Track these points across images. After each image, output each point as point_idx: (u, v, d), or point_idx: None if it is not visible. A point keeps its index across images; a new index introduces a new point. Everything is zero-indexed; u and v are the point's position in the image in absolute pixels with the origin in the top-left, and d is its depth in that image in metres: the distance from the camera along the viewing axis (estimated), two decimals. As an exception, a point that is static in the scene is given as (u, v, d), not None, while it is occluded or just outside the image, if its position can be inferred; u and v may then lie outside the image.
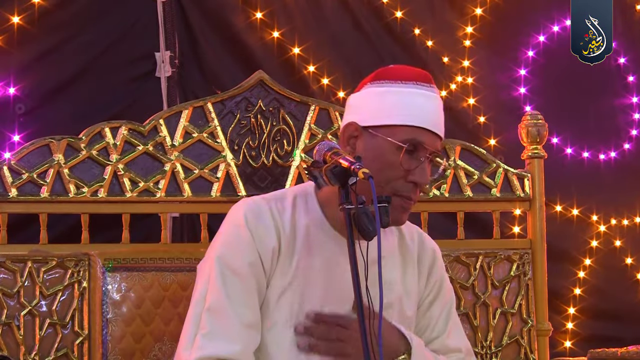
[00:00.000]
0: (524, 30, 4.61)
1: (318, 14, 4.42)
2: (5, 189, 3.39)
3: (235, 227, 2.59)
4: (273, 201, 2.63)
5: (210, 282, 2.54)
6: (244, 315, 2.52)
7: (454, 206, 3.72)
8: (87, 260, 3.28)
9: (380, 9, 4.49)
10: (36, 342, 3.23)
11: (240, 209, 2.60)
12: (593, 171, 4.65)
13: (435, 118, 2.59)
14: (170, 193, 3.51)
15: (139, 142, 3.50)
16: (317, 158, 2.50)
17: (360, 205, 2.39)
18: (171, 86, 4.20)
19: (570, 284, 4.61)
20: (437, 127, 2.60)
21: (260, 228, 2.57)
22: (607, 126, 4.68)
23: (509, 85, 4.60)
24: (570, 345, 4.56)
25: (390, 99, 2.59)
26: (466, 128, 4.49)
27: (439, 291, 2.78)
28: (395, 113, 2.57)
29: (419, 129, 2.56)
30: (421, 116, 2.57)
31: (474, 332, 3.60)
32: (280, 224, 2.59)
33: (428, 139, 2.57)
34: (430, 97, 2.60)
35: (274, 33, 4.35)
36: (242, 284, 2.54)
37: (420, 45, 4.51)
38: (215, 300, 2.52)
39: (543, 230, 3.74)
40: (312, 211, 2.63)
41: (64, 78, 4.10)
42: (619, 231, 4.67)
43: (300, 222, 2.61)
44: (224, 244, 2.58)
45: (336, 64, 4.38)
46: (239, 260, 2.55)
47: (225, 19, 4.32)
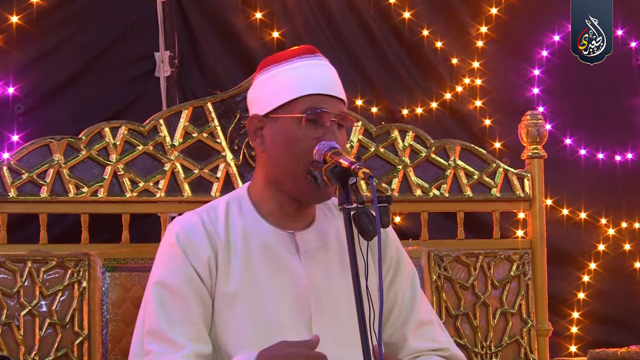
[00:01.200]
0: (539, 29, 4.58)
1: (321, 14, 4.41)
2: (5, 189, 3.38)
3: (168, 247, 2.61)
4: (205, 212, 2.66)
5: (150, 306, 2.57)
6: (186, 331, 2.53)
7: (454, 206, 3.72)
8: (87, 260, 3.28)
9: (387, 10, 4.48)
10: (36, 342, 3.23)
11: (172, 229, 2.64)
12: (607, 173, 4.61)
13: (329, 82, 2.61)
14: (170, 193, 3.51)
15: (139, 142, 3.50)
16: (317, 158, 2.51)
17: (360, 205, 2.39)
18: (171, 86, 4.19)
19: (574, 288, 4.58)
20: (335, 90, 2.60)
21: (192, 242, 2.59)
22: (623, 127, 4.62)
23: (522, 86, 4.57)
24: (575, 350, 4.54)
25: (280, 78, 2.60)
26: (471, 131, 4.47)
27: (398, 267, 2.75)
28: (288, 90, 2.59)
29: (316, 96, 2.57)
30: (313, 84, 2.58)
31: (474, 332, 3.60)
32: (214, 233, 2.61)
33: (328, 103, 2.56)
34: (319, 65, 2.63)
35: (274, 33, 4.34)
36: (181, 302, 2.55)
37: (429, 46, 4.49)
38: (155, 323, 2.54)
39: (543, 230, 3.74)
40: (246, 213, 2.65)
41: (63, 78, 4.09)
42: (629, 235, 4.63)
43: (236, 226, 2.63)
44: (158, 266, 2.62)
45: (337, 64, 4.36)
46: (175, 279, 2.57)
47: (225, 19, 4.32)
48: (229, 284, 2.58)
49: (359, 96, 4.38)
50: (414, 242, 3.67)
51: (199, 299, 2.57)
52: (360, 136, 3.66)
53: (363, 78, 4.41)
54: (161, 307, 2.55)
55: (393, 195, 3.63)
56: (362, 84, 4.39)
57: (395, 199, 3.61)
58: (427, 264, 3.54)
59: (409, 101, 4.45)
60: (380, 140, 3.68)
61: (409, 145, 3.69)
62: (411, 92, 4.45)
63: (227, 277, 2.59)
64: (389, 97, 4.43)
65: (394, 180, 3.66)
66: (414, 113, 4.44)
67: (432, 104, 4.45)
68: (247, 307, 2.57)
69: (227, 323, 2.58)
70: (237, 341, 2.56)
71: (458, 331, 3.58)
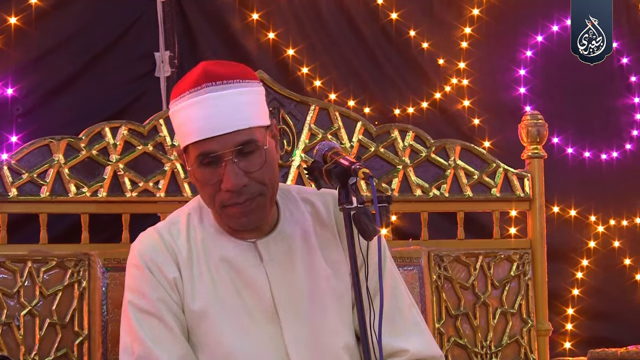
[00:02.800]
0: (522, 30, 4.60)
1: (313, 16, 4.42)
2: (5, 189, 3.38)
3: (134, 268, 2.60)
4: (166, 228, 2.64)
5: (131, 330, 2.56)
6: (172, 351, 2.53)
7: (454, 206, 3.72)
8: (87, 260, 3.28)
9: (376, 11, 4.49)
10: (36, 342, 3.23)
11: (134, 250, 2.62)
12: (594, 171, 4.63)
13: (214, 121, 2.48)
14: (170, 193, 3.51)
15: (139, 142, 3.49)
16: (317, 158, 2.50)
17: (360, 205, 2.39)
18: (170, 86, 4.19)
19: (568, 285, 4.60)
20: (222, 127, 2.48)
21: (156, 262, 2.58)
22: (608, 126, 4.66)
23: (509, 86, 4.59)
24: (569, 347, 4.55)
25: (175, 121, 2.56)
26: (460, 130, 4.48)
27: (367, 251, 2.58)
28: (180, 136, 2.55)
29: (203, 141, 2.49)
30: (196, 129, 2.49)
31: (474, 332, 3.60)
32: (176, 250, 2.59)
33: (218, 143, 2.48)
34: (204, 100, 2.49)
35: (270, 34, 4.35)
36: (160, 322, 2.55)
37: (416, 47, 4.51)
38: (141, 348, 2.53)
39: (543, 230, 3.75)
40: (206, 225, 2.62)
41: (63, 79, 4.08)
42: (618, 232, 4.66)
43: (196, 239, 2.61)
44: (130, 289, 2.60)
45: (330, 65, 4.37)
46: (147, 300, 2.56)
47: (223, 19, 4.32)
48: (195, 302, 2.57)
49: (351, 97, 4.39)
50: (414, 242, 3.67)
51: (174, 316, 2.56)
52: (360, 136, 3.66)
53: (355, 79, 4.42)
54: (142, 329, 2.54)
55: (393, 195, 3.63)
56: (354, 85, 4.40)
57: (395, 199, 3.61)
58: (427, 264, 3.54)
59: (400, 101, 4.46)
60: (380, 140, 3.68)
61: (409, 145, 3.69)
62: (401, 92, 4.46)
63: (192, 295, 2.57)
64: (381, 98, 4.44)
65: (394, 180, 3.66)
66: (406, 113, 4.45)
67: (422, 104, 4.46)
68: (215, 325, 2.56)
69: (199, 341, 2.57)
70: (209, 359, 2.56)
71: (458, 331, 3.58)
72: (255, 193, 2.51)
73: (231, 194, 2.49)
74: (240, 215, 2.52)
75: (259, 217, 2.55)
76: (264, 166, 2.50)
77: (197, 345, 2.57)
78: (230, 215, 2.53)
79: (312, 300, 2.59)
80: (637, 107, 4.70)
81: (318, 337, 2.57)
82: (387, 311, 2.49)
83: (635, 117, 4.70)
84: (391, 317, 2.60)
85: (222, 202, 2.52)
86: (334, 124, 3.65)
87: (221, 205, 2.52)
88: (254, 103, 2.54)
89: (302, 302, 2.59)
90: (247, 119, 2.50)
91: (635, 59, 4.66)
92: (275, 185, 2.56)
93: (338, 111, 3.66)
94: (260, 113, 2.55)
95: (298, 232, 2.64)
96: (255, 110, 2.53)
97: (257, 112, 2.54)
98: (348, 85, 4.40)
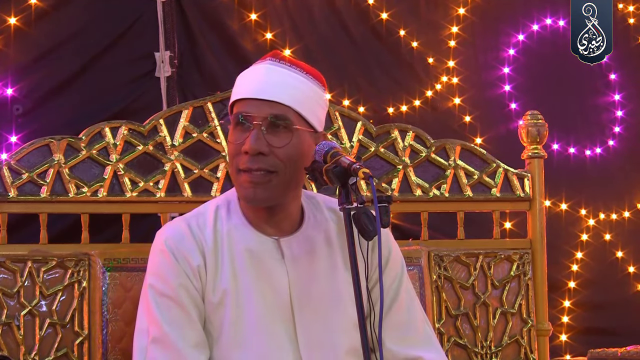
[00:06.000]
0: (504, 29, 4.66)
1: (306, 17, 4.44)
2: (5, 189, 3.38)
3: (159, 254, 2.61)
4: (193, 218, 2.66)
5: (149, 313, 2.57)
6: (188, 337, 2.55)
7: (454, 206, 3.72)
8: (87, 260, 3.27)
9: (366, 11, 4.50)
10: (36, 342, 3.23)
11: (161, 236, 2.64)
12: (579, 167, 4.70)
13: (261, 86, 2.56)
14: (170, 193, 3.51)
15: (139, 142, 3.50)
16: (317, 158, 2.51)
17: (360, 205, 2.39)
18: (171, 86, 4.19)
19: (564, 277, 4.63)
20: (264, 94, 2.55)
21: (182, 250, 2.59)
22: (591, 123, 4.74)
23: (494, 84, 4.63)
24: (566, 339, 4.57)
25: (234, 86, 2.64)
26: (451, 128, 4.51)
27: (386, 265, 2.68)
28: (231, 98, 2.63)
29: (245, 101, 2.56)
30: (245, 88, 2.58)
31: (474, 332, 3.60)
32: (202, 240, 2.61)
33: (252, 107, 2.54)
34: (263, 68, 2.60)
35: (267, 34, 4.36)
36: (179, 308, 2.56)
37: (406, 46, 4.53)
38: (158, 331, 2.55)
39: (543, 230, 3.75)
40: (233, 218, 2.64)
41: (63, 78, 4.09)
42: (608, 225, 4.71)
43: (222, 230, 2.63)
44: (152, 273, 2.61)
45: (325, 66, 4.38)
46: (169, 286, 2.57)
47: (222, 19, 4.33)
48: (215, 292, 2.58)
49: (346, 97, 4.40)
50: (414, 242, 3.67)
51: (194, 304, 2.57)
52: (360, 136, 3.66)
53: (348, 79, 4.44)
54: (161, 313, 2.55)
55: (393, 195, 3.63)
56: (348, 85, 4.42)
57: (395, 199, 3.62)
58: (427, 264, 3.54)
59: (394, 100, 4.48)
60: (380, 140, 3.68)
61: (409, 145, 3.69)
62: (394, 91, 4.50)
63: (214, 285, 2.59)
64: (374, 97, 4.47)
65: (394, 180, 3.66)
66: (399, 111, 4.48)
67: (415, 102, 4.49)
68: (229, 315, 2.57)
69: (214, 329, 2.59)
70: (222, 349, 2.57)
71: (458, 331, 3.58)
72: (271, 167, 2.53)
73: (247, 157, 2.52)
74: (249, 184, 2.54)
75: (268, 196, 2.56)
76: (287, 146, 2.53)
77: (212, 335, 2.58)
78: (241, 183, 2.56)
79: (328, 302, 2.61)
80: (617, 104, 4.75)
81: (330, 338, 2.59)
82: (402, 325, 2.65)
83: (616, 114, 4.74)
84: (405, 331, 2.68)
85: (237, 166, 2.55)
86: (334, 123, 3.65)
87: (237, 170, 2.55)
88: (308, 97, 2.58)
89: (318, 302, 2.61)
90: (291, 98, 2.55)
91: (612, 57, 4.68)
92: (293, 174, 2.56)
93: (338, 111, 3.66)
94: (309, 108, 2.58)
95: (321, 236, 2.66)
96: (305, 102, 2.57)
97: (306, 105, 2.57)
98: (343, 86, 4.42)
